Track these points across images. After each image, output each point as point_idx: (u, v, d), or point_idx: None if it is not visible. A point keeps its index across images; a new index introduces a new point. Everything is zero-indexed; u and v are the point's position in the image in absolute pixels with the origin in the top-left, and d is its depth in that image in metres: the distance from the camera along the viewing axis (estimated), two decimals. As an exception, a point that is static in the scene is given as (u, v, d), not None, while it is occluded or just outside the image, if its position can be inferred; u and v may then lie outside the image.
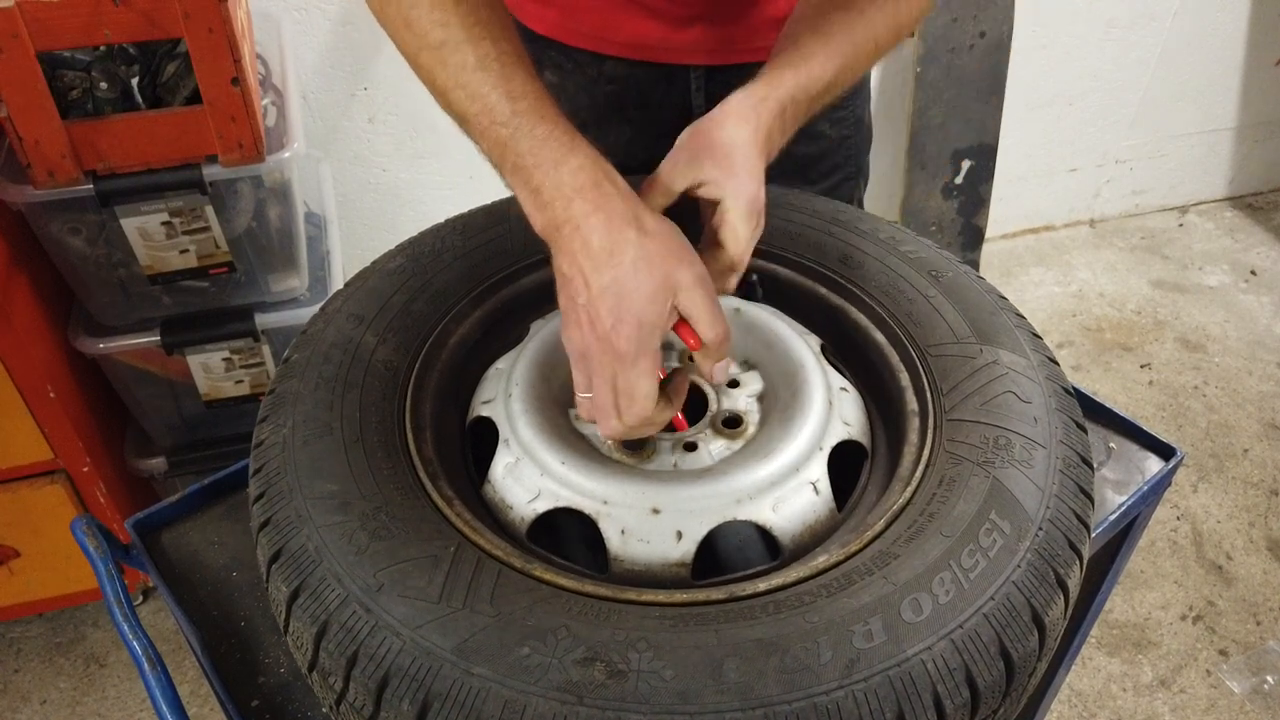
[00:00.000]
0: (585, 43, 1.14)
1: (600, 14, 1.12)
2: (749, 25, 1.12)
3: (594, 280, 0.69)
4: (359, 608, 0.59)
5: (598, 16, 1.12)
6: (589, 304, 0.70)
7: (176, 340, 1.58)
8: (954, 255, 0.92)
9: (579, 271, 0.70)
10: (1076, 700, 1.84)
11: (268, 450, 0.70)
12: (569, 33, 1.14)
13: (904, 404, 0.80)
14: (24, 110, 1.29)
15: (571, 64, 1.16)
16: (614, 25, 1.13)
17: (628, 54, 1.15)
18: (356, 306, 0.82)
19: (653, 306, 0.69)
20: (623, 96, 1.18)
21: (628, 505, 0.70)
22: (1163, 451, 0.98)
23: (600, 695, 0.55)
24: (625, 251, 0.69)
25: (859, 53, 0.88)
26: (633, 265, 0.69)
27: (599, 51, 1.15)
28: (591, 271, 0.69)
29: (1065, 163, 2.94)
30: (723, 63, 1.15)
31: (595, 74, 1.16)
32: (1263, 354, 2.63)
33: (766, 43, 1.12)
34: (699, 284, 0.71)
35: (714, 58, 1.14)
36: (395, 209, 2.28)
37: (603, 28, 1.13)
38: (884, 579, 0.62)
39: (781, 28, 0.98)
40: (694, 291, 0.71)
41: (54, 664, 1.87)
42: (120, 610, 0.76)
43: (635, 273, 0.69)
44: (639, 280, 0.69)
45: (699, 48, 1.13)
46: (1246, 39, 2.83)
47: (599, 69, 1.16)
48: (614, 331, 0.69)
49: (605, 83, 1.17)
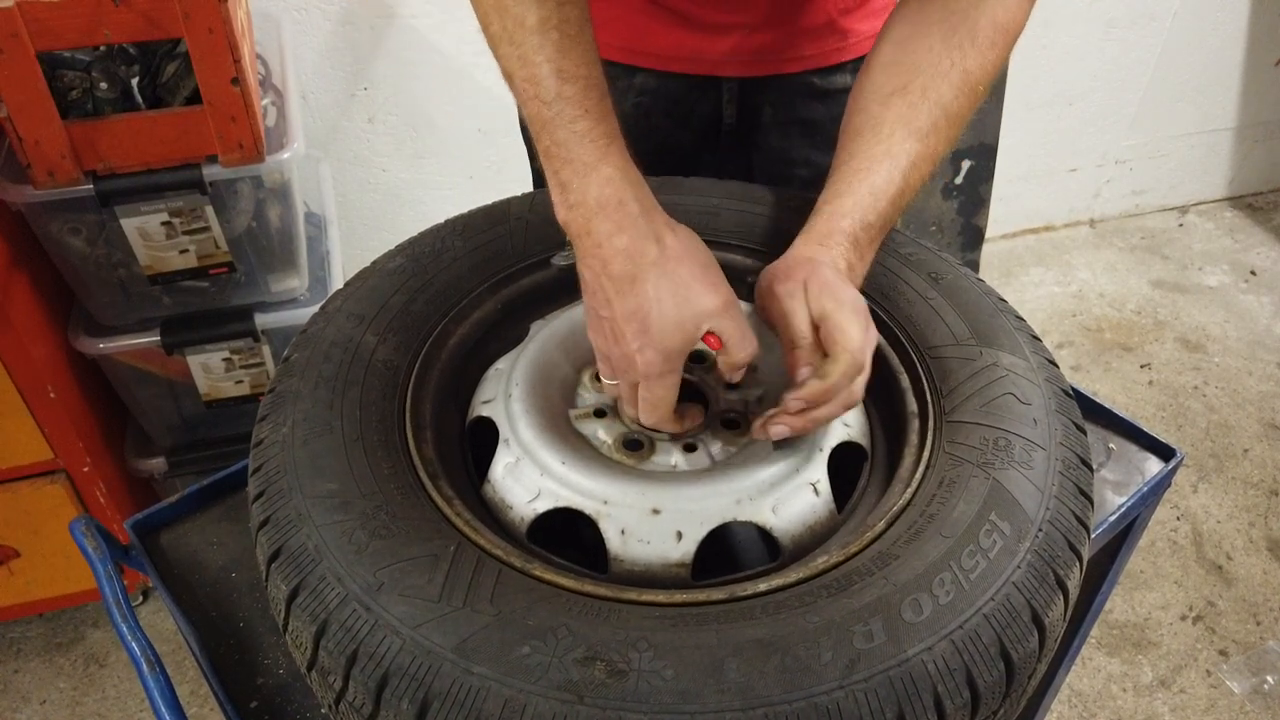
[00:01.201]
0: (616, 55, 1.13)
1: (632, 26, 1.10)
2: (784, 35, 1.10)
3: (618, 305, 0.69)
4: (359, 606, 0.59)
5: (630, 28, 1.11)
6: (613, 321, 0.70)
7: (176, 340, 1.58)
8: (954, 256, 0.91)
9: (602, 289, 0.70)
10: (1076, 700, 1.84)
11: (267, 449, 0.70)
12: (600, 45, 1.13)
13: (904, 405, 0.80)
14: (24, 110, 1.29)
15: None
16: (646, 37, 1.11)
17: (660, 65, 1.13)
18: (356, 306, 0.82)
19: (678, 335, 0.69)
20: (653, 108, 1.16)
21: (628, 505, 0.70)
22: (1162, 452, 0.98)
23: (600, 695, 0.55)
24: (647, 279, 0.69)
25: (929, 137, 0.81)
26: (656, 295, 0.69)
27: (630, 64, 1.13)
28: (615, 295, 0.69)
29: (1065, 163, 2.94)
30: (756, 74, 1.13)
31: (626, 86, 1.14)
32: (1263, 354, 2.63)
33: (800, 54, 1.11)
34: (726, 311, 0.71)
35: (747, 69, 1.13)
36: (395, 209, 2.28)
37: (635, 39, 1.11)
38: (884, 580, 0.62)
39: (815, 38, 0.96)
40: (723, 319, 0.71)
41: (54, 664, 1.86)
42: (119, 611, 0.76)
43: (659, 303, 0.69)
44: (662, 310, 0.69)
45: (732, 59, 1.11)
46: (1246, 39, 2.83)
47: (630, 81, 1.14)
48: (639, 354, 0.70)
49: (636, 95, 1.15)
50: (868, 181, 0.80)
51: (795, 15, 1.08)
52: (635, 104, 1.16)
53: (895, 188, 0.80)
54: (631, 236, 0.69)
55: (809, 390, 0.71)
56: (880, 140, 0.81)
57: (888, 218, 0.80)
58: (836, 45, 1.11)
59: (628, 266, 0.69)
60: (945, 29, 0.81)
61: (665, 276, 0.69)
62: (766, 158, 1.21)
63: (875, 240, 0.81)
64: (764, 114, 1.17)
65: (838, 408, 0.72)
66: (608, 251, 0.69)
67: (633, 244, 0.69)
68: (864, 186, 0.80)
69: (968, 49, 0.81)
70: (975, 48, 0.81)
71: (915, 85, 0.81)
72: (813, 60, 1.12)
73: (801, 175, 1.18)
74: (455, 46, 2.05)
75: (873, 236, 0.80)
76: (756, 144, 1.20)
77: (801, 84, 1.14)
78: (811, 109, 1.15)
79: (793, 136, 1.17)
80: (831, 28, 1.10)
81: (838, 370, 0.71)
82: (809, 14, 1.09)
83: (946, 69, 0.81)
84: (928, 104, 0.81)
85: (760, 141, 1.20)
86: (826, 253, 0.77)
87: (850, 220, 0.79)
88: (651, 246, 0.69)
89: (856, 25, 1.11)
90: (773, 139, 1.18)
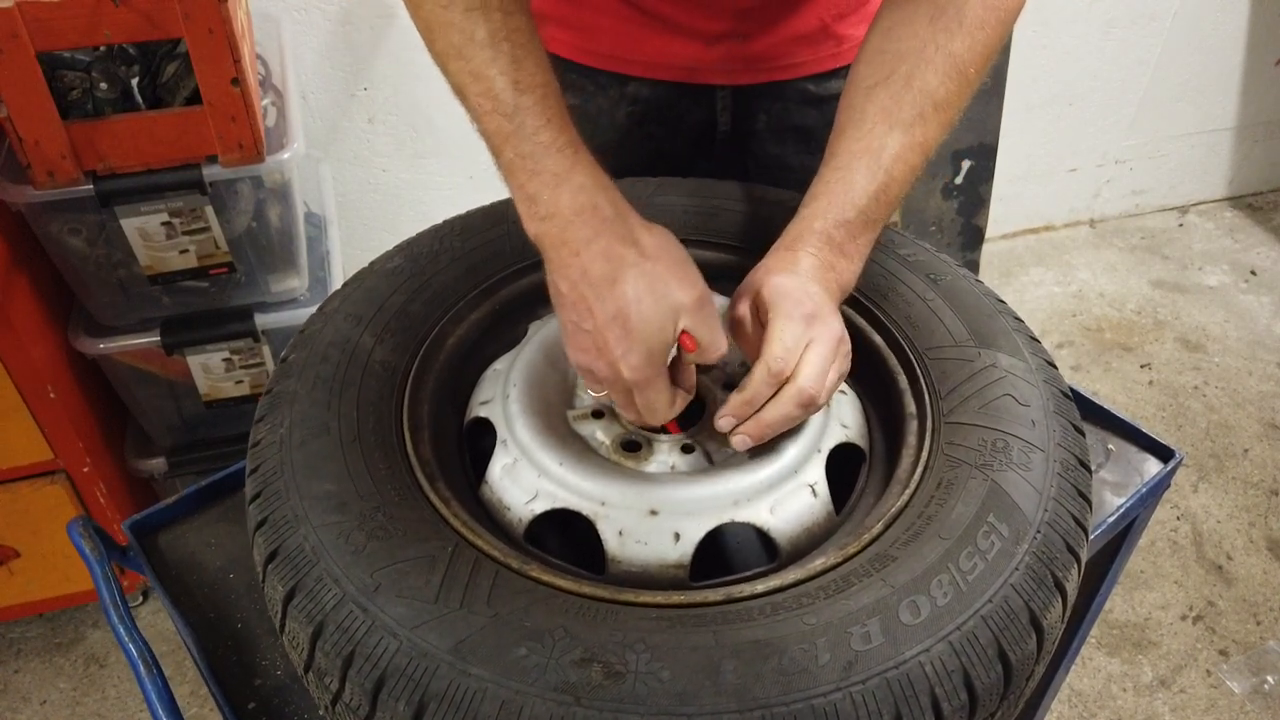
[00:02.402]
0: (608, 64, 1.12)
1: (624, 35, 1.09)
2: (776, 42, 1.09)
3: (599, 310, 0.68)
4: (355, 608, 0.59)
5: (621, 37, 1.10)
6: (595, 332, 0.69)
7: (176, 340, 1.58)
8: (953, 256, 0.91)
9: (582, 298, 0.69)
10: (1076, 700, 1.84)
11: (265, 450, 0.70)
12: (590, 55, 1.12)
13: (902, 407, 0.80)
14: (24, 110, 1.29)
15: (593, 86, 1.13)
16: (638, 46, 1.10)
17: (652, 74, 1.12)
18: (354, 307, 0.82)
19: (660, 334, 0.69)
20: (645, 116, 1.15)
21: (625, 506, 0.70)
22: (1161, 453, 0.98)
23: (597, 696, 0.55)
24: (626, 279, 0.68)
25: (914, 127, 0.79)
26: (635, 294, 0.68)
27: (622, 73, 1.12)
28: (595, 300, 0.68)
29: (1065, 163, 2.94)
30: (749, 82, 1.12)
31: (618, 95, 1.14)
32: (1263, 354, 2.62)
33: (794, 60, 1.10)
34: (700, 306, 0.71)
35: (739, 77, 1.12)
36: (395, 209, 2.28)
37: (626, 48, 1.10)
38: (882, 581, 0.62)
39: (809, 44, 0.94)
40: (696, 315, 0.70)
41: (54, 664, 1.87)
42: (116, 612, 0.76)
43: (639, 302, 0.68)
44: (643, 309, 0.68)
45: (725, 66, 1.11)
46: (1246, 39, 2.83)
47: (621, 90, 1.13)
48: (624, 360, 0.69)
49: (629, 104, 1.14)
50: (845, 179, 0.78)
51: (787, 22, 1.08)
52: (629, 112, 1.15)
53: (877, 183, 0.78)
54: (609, 239, 0.69)
55: (729, 404, 0.73)
56: (861, 136, 0.79)
57: (869, 213, 0.78)
58: (831, 51, 1.11)
59: (607, 269, 0.68)
60: (932, 11, 0.79)
61: (644, 276, 0.69)
62: (762, 165, 1.20)
63: (859, 236, 0.79)
64: (759, 121, 1.16)
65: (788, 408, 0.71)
66: (586, 258, 0.69)
67: (610, 247, 0.69)
68: (840, 185, 0.78)
69: (954, 31, 0.79)
70: (963, 29, 0.79)
71: (899, 74, 0.79)
72: (807, 67, 1.11)
73: (797, 180, 1.17)
74: (455, 46, 2.05)
75: (853, 233, 0.78)
76: (752, 151, 1.20)
77: (796, 90, 1.13)
78: (807, 115, 1.14)
79: (788, 143, 1.17)
80: (825, 33, 1.09)
81: (753, 381, 0.71)
82: (802, 20, 1.08)
83: (931, 54, 0.78)
84: (911, 93, 0.79)
85: (755, 149, 1.19)
86: (795, 257, 0.76)
87: (823, 221, 0.78)
88: (629, 248, 0.69)
89: (851, 31, 1.10)
90: (768, 146, 1.18)
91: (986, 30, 0.79)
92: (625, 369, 0.69)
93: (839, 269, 0.78)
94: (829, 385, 0.72)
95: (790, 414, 0.71)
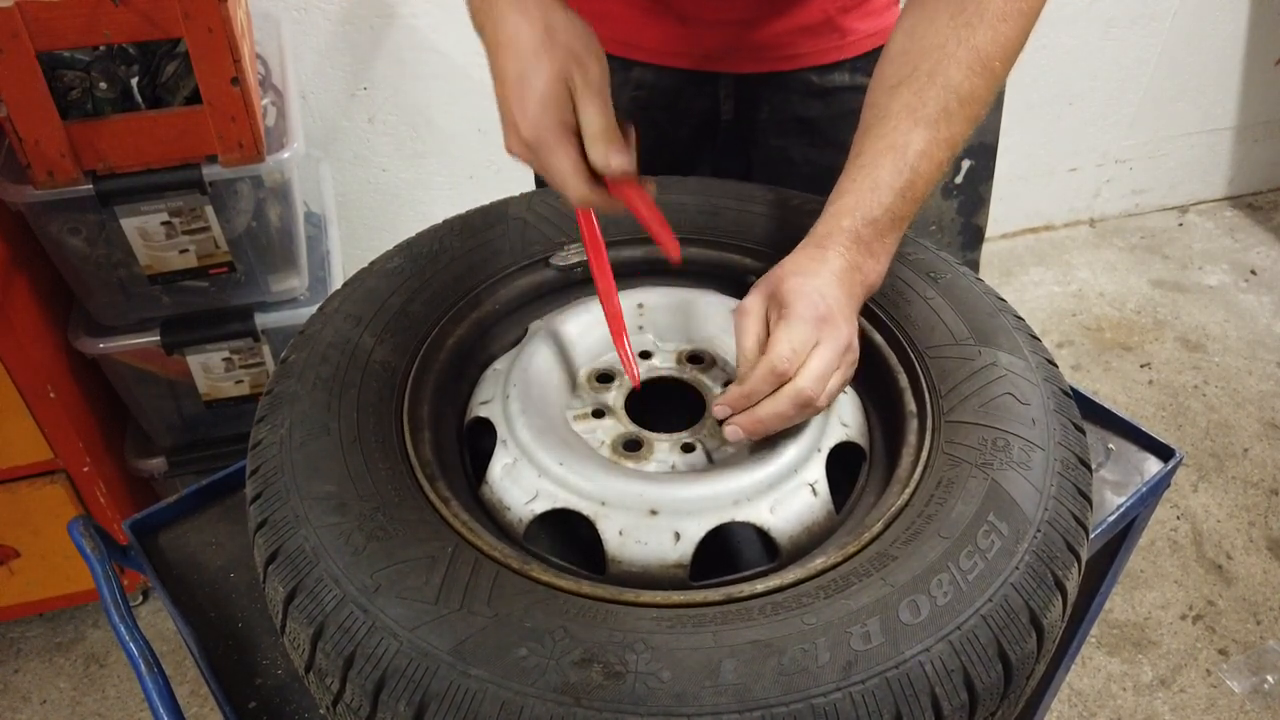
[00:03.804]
0: (612, 49, 1.11)
1: (627, 20, 1.11)
2: (780, 33, 1.10)
3: (508, 71, 0.74)
4: (356, 608, 0.59)
5: (624, 22, 1.11)
6: (505, 100, 0.74)
7: (176, 340, 1.58)
8: (954, 255, 0.91)
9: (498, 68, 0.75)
10: (1076, 700, 1.84)
11: (265, 450, 0.70)
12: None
13: (902, 406, 0.80)
14: (24, 110, 1.29)
15: None
16: (641, 30, 1.11)
17: (656, 60, 1.13)
18: (354, 307, 0.82)
19: (552, 87, 0.73)
20: (650, 102, 1.17)
21: (625, 506, 0.70)
22: (1161, 452, 0.98)
23: (597, 697, 0.55)
24: (529, 43, 0.73)
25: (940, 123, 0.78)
26: (534, 53, 0.73)
27: (627, 57, 1.14)
28: (504, 63, 0.74)
29: (1065, 162, 2.94)
30: (751, 70, 1.13)
31: (623, 79, 1.15)
32: (1263, 354, 2.62)
33: (797, 51, 1.11)
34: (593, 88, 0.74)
35: (743, 65, 1.13)
36: (395, 209, 2.28)
37: (630, 33, 1.12)
38: (882, 580, 0.62)
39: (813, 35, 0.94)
40: (585, 92, 0.73)
41: (54, 664, 1.87)
42: (117, 612, 0.76)
43: (537, 60, 0.73)
44: (539, 66, 0.73)
45: (728, 54, 1.11)
46: (1246, 39, 2.82)
47: (626, 74, 1.15)
48: (521, 119, 0.73)
49: (633, 88, 1.16)
50: (871, 177, 0.78)
51: (790, 12, 1.08)
52: (632, 97, 1.16)
53: (903, 179, 0.77)
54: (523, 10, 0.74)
55: (727, 395, 0.74)
56: (885, 134, 0.79)
57: (896, 211, 0.78)
58: (835, 43, 1.11)
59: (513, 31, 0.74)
60: (953, 8, 0.79)
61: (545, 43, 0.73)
62: (765, 156, 1.21)
63: (886, 235, 0.79)
64: (762, 111, 1.17)
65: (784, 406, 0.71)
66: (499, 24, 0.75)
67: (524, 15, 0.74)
68: (867, 183, 0.78)
69: (976, 25, 0.78)
70: (985, 23, 0.78)
71: (922, 70, 0.79)
72: (810, 58, 1.12)
73: (800, 174, 1.18)
74: (455, 46, 2.05)
75: (880, 231, 0.78)
76: (755, 142, 1.20)
77: (799, 82, 1.14)
78: (809, 107, 1.15)
79: (790, 135, 1.17)
80: (830, 25, 1.10)
81: (754, 376, 0.72)
82: (806, 11, 1.08)
83: (954, 49, 0.78)
84: (935, 89, 0.78)
85: (758, 139, 1.20)
86: (824, 255, 0.76)
87: (852, 219, 0.77)
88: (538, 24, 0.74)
89: (855, 24, 1.11)
90: (771, 137, 1.18)
91: (1009, 23, 0.79)
92: (524, 127, 0.73)
93: (865, 269, 0.78)
94: (830, 390, 0.72)
95: (785, 412, 0.71)
